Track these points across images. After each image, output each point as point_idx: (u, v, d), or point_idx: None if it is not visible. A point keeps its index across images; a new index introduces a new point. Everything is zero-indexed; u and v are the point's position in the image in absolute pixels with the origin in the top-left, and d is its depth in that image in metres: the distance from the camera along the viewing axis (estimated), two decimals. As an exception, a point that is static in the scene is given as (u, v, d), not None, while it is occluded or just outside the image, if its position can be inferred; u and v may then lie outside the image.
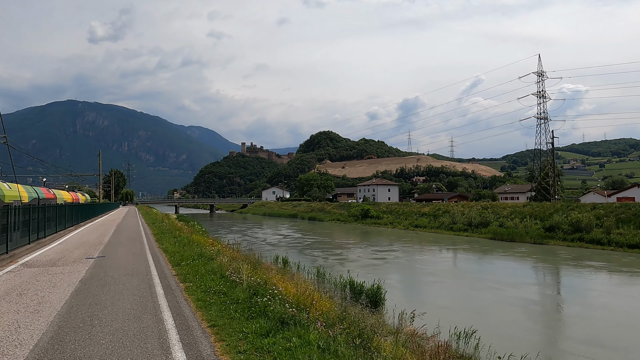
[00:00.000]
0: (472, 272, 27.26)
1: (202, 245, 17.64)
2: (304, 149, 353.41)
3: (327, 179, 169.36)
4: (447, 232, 47.44)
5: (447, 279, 24.63)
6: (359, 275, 23.55)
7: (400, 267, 28.94)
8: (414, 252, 36.40)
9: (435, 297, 20.30)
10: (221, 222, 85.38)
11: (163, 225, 31.75)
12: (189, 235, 24.41)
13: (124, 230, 28.60)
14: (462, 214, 49.80)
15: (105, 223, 36.63)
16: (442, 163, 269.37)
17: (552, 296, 20.96)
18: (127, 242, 21.13)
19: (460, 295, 20.48)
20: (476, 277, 24.84)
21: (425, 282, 24.14)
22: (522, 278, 24.75)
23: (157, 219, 40.09)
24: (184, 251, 16.01)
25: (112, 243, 20.67)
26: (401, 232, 52.90)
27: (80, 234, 26.19)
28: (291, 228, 65.32)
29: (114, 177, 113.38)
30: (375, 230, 56.29)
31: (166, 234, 24.40)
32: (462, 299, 19.47)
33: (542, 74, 61.19)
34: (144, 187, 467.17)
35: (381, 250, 37.69)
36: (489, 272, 27.12)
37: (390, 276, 24.60)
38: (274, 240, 47.62)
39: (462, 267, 29.91)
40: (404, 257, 33.25)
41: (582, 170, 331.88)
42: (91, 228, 31.01)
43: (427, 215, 56.30)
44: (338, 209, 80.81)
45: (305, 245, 41.93)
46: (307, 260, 30.04)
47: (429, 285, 23.16)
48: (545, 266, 29.06)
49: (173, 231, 26.10)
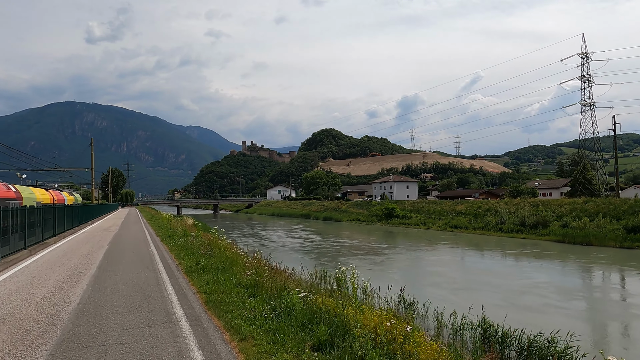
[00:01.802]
0: (603, 293, 21.07)
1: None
2: (306, 147, 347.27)
3: (333, 177, 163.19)
4: (496, 233, 41.20)
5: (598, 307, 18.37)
6: (436, 296, 17.85)
7: (490, 284, 22.53)
8: (479, 260, 30.16)
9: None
10: (228, 223, 79.12)
11: (190, 244, 17.85)
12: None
13: (121, 261, 14.48)
14: (509, 212, 43.56)
15: (93, 236, 23.81)
16: (449, 160, 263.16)
17: None
18: (133, 313, 8.11)
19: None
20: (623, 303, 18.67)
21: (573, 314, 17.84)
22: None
23: (171, 228, 27.23)
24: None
25: (88, 315, 7.91)
26: (437, 233, 46.64)
27: (30, 271, 12.57)
28: (307, 230, 59.07)
29: (113, 177, 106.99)
30: (406, 232, 50.03)
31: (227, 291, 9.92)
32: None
33: (587, 56, 54.94)
34: (144, 187, 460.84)
35: (431, 257, 31.40)
36: (622, 292, 20.91)
37: (483, 298, 18.47)
38: (295, 244, 41.37)
39: (575, 283, 23.64)
40: (474, 268, 26.99)
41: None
42: (66, 248, 17.99)
43: (464, 214, 50.04)
44: (355, 207, 74.55)
45: (335, 251, 35.67)
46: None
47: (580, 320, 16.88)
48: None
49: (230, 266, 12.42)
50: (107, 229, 30.31)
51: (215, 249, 15.30)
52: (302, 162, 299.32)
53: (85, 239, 22.86)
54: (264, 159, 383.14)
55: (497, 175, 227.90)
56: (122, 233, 26.36)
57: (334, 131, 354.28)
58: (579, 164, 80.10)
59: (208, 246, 16.13)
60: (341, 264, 30.21)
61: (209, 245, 16.24)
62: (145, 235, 24.61)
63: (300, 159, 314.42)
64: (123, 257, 15.35)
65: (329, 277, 20.07)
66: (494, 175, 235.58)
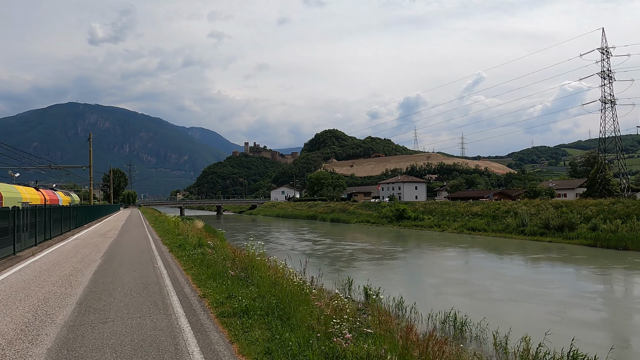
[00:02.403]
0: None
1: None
2: (309, 147, 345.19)
3: (338, 178, 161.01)
4: (518, 236, 38.96)
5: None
6: (473, 308, 15.87)
7: (528, 294, 20.31)
8: (506, 266, 27.90)
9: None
10: (233, 224, 77.06)
11: (210, 259, 13.41)
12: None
13: (115, 290, 9.62)
14: (529, 213, 41.33)
15: (85, 245, 19.04)
16: (453, 160, 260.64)
17: None
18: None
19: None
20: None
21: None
22: None
23: (179, 234, 22.74)
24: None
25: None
26: (453, 236, 44.43)
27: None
28: (315, 232, 56.93)
29: (115, 177, 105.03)
30: (419, 235, 47.83)
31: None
32: None
33: (607, 51, 52.59)
34: (146, 188, 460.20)
35: (453, 262, 29.23)
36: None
37: (528, 312, 16.33)
38: (304, 248, 39.23)
39: (626, 293, 21.44)
40: (505, 275, 24.76)
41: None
42: (44, 264, 13.43)
43: (480, 216, 47.81)
44: (363, 209, 72.36)
45: (348, 255, 33.52)
46: (374, 282, 21.80)
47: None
48: None
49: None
50: (105, 234, 25.59)
51: (251, 269, 10.55)
52: (305, 163, 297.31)
53: (75, 248, 17.79)
54: (267, 160, 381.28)
55: (502, 176, 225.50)
56: (121, 240, 21.53)
57: (337, 132, 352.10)
58: (595, 164, 77.82)
59: (236, 262, 11.69)
60: (358, 269, 28.12)
61: (237, 261, 11.76)
62: (149, 244, 19.74)
63: (303, 159, 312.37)
64: (118, 283, 10.32)
65: (355, 287, 18.03)
66: (499, 176, 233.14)
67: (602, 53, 52.59)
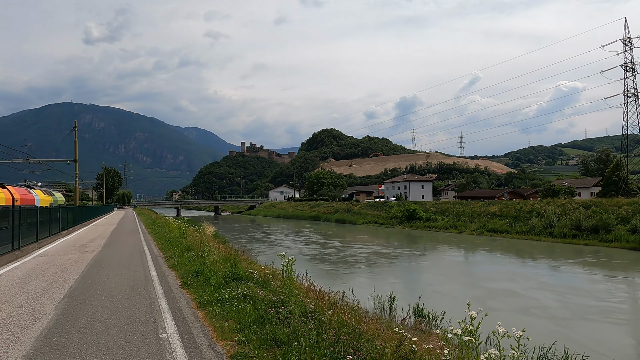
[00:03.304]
0: None
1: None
2: (306, 147, 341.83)
3: (338, 177, 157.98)
4: (546, 238, 35.87)
5: None
6: (542, 331, 12.77)
7: (595, 309, 17.09)
8: (547, 273, 24.73)
9: None
10: (232, 226, 73.74)
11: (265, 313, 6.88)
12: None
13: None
14: (556, 214, 38.26)
15: (47, 269, 12.54)
16: (453, 160, 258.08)
17: None
18: None
19: None
20: None
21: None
22: None
23: (190, 248, 15.65)
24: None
25: None
26: (472, 238, 41.31)
27: None
28: (321, 233, 53.72)
29: (110, 176, 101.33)
30: (434, 236, 44.68)
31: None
32: None
33: (630, 42, 49.62)
34: (142, 188, 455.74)
35: (485, 268, 26.00)
36: None
37: (615, 335, 13.24)
38: (313, 251, 35.98)
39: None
40: (552, 285, 21.61)
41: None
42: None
43: (499, 217, 44.72)
44: (369, 209, 69.17)
45: (365, 261, 30.30)
46: (404, 294, 18.69)
47: None
48: None
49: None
50: (85, 245, 19.07)
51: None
52: (303, 163, 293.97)
53: (23, 280, 10.66)
54: (264, 159, 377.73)
55: (503, 176, 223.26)
56: (104, 259, 14.70)
57: (334, 131, 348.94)
58: (608, 162, 74.95)
59: (324, 325, 6.03)
60: (380, 278, 24.89)
61: (325, 323, 6.16)
62: (147, 268, 12.68)
63: (301, 159, 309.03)
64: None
65: (396, 304, 14.85)
66: (499, 175, 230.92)
67: (625, 44, 49.67)
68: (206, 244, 16.12)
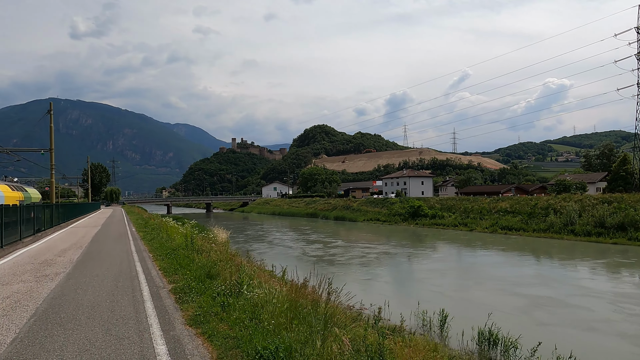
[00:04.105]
0: None
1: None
2: (298, 143, 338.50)
3: (332, 173, 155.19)
4: (568, 236, 33.52)
5: None
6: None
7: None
8: (585, 276, 22.24)
9: None
10: (226, 223, 70.53)
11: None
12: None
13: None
14: (576, 211, 35.92)
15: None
16: (446, 156, 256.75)
17: None
18: None
19: None
20: None
21: None
22: None
23: (212, 266, 10.10)
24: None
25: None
26: (485, 236, 38.86)
27: None
28: (321, 232, 51.02)
29: (96, 172, 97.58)
30: (442, 234, 42.19)
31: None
32: None
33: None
34: (130, 185, 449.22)
35: (513, 270, 23.38)
36: None
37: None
38: (318, 252, 33.28)
39: None
40: (599, 291, 19.11)
41: (576, 162, 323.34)
42: None
43: (511, 213, 42.34)
44: (369, 205, 66.56)
45: (376, 263, 27.67)
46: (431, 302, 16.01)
47: None
48: None
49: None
50: (49, 263, 13.02)
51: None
52: (295, 159, 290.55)
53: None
54: (255, 156, 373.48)
55: (496, 172, 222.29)
56: (69, 296, 8.47)
57: (326, 127, 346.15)
58: (612, 156, 73.22)
59: None
60: (400, 283, 22.22)
61: None
62: (148, 331, 6.17)
63: (292, 155, 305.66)
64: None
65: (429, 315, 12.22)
66: (492, 171, 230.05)
67: (639, 32, 47.48)
68: (238, 266, 10.04)
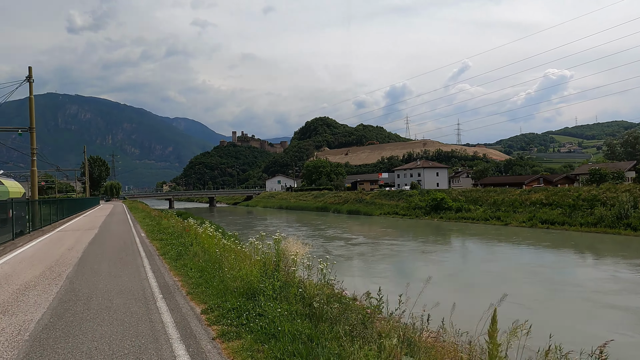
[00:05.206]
0: None
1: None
2: (299, 136, 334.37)
3: (337, 166, 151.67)
4: (624, 231, 29.86)
5: None
6: None
7: None
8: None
9: None
10: (232, 219, 67.03)
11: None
12: None
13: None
14: (629, 203, 32.24)
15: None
16: (451, 147, 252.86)
17: None
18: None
19: None
20: None
21: None
22: None
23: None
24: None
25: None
26: (523, 231, 35.19)
27: None
28: (336, 227, 47.35)
29: (95, 166, 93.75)
30: (473, 229, 38.50)
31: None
32: None
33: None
34: (130, 180, 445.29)
35: (584, 273, 19.64)
36: None
37: None
38: (341, 250, 29.63)
39: None
40: None
41: (579, 153, 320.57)
42: None
43: (548, 205, 38.65)
44: (383, 198, 62.88)
45: (416, 264, 23.98)
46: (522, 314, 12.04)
47: None
48: None
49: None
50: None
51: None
52: (297, 152, 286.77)
53: None
54: (256, 149, 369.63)
55: (502, 163, 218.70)
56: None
57: (328, 119, 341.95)
58: (638, 145, 69.47)
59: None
60: (465, 292, 18.76)
61: None
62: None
63: (294, 148, 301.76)
64: None
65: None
66: (498, 162, 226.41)
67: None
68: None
